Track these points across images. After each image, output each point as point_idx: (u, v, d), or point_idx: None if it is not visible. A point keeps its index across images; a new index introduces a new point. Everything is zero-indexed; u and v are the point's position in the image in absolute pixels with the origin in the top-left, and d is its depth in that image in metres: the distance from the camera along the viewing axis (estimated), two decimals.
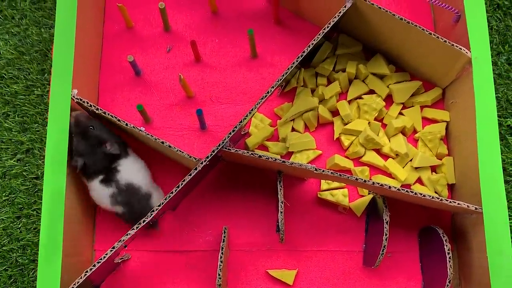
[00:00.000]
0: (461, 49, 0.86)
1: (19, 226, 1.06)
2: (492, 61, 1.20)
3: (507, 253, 0.78)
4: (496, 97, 1.19)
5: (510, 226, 1.10)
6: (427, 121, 0.98)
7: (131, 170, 0.89)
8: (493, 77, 1.19)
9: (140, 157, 0.94)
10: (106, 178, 0.87)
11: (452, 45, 0.86)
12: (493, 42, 1.22)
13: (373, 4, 0.88)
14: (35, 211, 1.06)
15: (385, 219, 0.84)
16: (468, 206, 0.80)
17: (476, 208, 0.81)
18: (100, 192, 0.88)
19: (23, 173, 1.08)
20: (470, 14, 0.87)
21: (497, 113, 1.16)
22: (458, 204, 0.80)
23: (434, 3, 0.92)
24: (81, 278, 0.78)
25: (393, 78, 0.98)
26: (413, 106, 0.98)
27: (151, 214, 0.80)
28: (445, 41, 0.86)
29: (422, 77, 1.00)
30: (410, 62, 0.97)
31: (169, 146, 0.84)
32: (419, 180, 0.95)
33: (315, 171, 0.80)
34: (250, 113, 0.85)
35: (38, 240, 0.90)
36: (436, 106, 0.99)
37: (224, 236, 0.86)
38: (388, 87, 0.98)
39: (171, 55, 1.03)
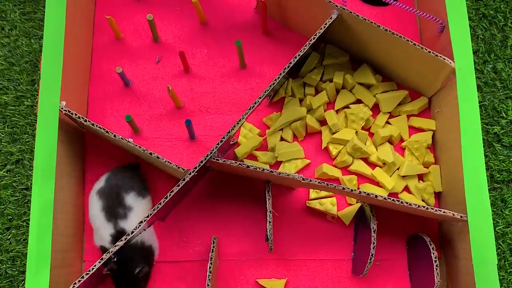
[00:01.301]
0: (445, 59, 0.87)
1: (9, 237, 1.05)
2: (478, 70, 1.22)
3: (492, 260, 0.79)
4: (482, 105, 1.20)
5: (500, 232, 1.12)
6: (413, 130, 1.00)
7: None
8: (480, 85, 1.20)
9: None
10: None
11: (436, 55, 0.87)
12: (479, 51, 1.24)
13: (358, 15, 0.89)
14: (24, 222, 1.06)
15: (373, 228, 0.85)
16: (453, 215, 0.81)
17: (461, 216, 0.82)
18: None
19: (13, 183, 1.08)
20: (454, 25, 0.89)
21: (484, 120, 1.18)
22: (444, 212, 0.81)
23: (419, 13, 0.93)
24: None
25: (379, 88, 1.00)
26: (399, 115, 1.00)
27: (140, 225, 0.80)
28: (429, 52, 0.87)
29: (408, 87, 1.01)
30: (396, 72, 0.98)
31: (157, 157, 0.84)
32: (407, 189, 0.96)
33: (302, 181, 0.81)
34: (238, 123, 0.86)
35: None
36: (422, 115, 1.00)
37: (213, 246, 0.87)
38: (375, 96, 0.99)
39: (160, 65, 1.03)
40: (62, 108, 0.86)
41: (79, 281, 0.78)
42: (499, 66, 1.22)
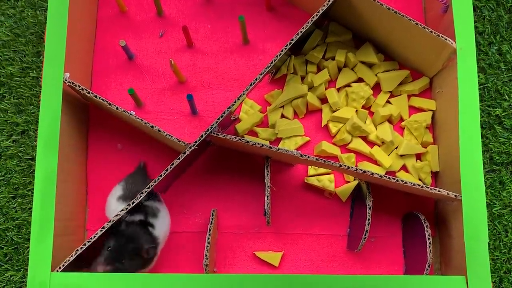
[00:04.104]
0: (446, 39, 0.87)
1: (15, 205, 1.08)
2: (483, 51, 1.21)
3: (483, 239, 0.81)
4: (485, 86, 1.20)
5: (496, 213, 1.13)
6: (413, 109, 1.00)
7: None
8: (484, 67, 1.20)
9: (131, 141, 0.97)
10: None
11: (438, 35, 0.87)
12: (484, 32, 1.23)
13: None
14: (30, 191, 1.08)
15: (368, 205, 0.86)
16: (448, 194, 0.83)
17: (455, 196, 0.83)
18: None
19: (19, 154, 1.10)
20: (457, 5, 0.88)
21: (486, 102, 1.18)
22: (439, 191, 0.82)
23: None
24: (71, 256, 0.81)
25: (381, 67, 1.00)
26: (400, 94, 1.00)
27: (140, 196, 0.82)
28: (431, 31, 0.87)
29: (410, 66, 1.01)
30: (399, 51, 0.98)
31: (159, 130, 0.85)
32: (404, 168, 0.97)
33: (300, 157, 0.82)
34: (239, 99, 0.87)
35: None
36: (423, 95, 1.01)
37: (212, 218, 0.89)
38: (376, 75, 1.00)
39: (163, 40, 1.04)
40: (66, 80, 0.87)
41: (81, 248, 0.81)
42: (504, 48, 1.21)
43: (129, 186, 0.91)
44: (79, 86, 0.87)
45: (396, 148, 0.97)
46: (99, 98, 0.87)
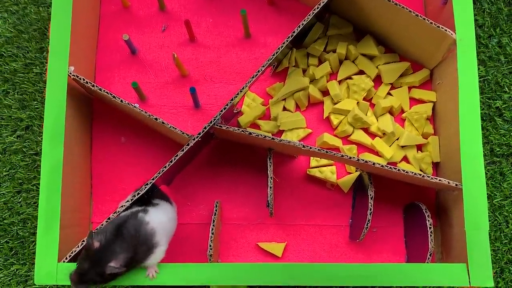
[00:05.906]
0: (446, 30, 0.88)
1: (20, 200, 1.09)
2: (483, 44, 1.22)
3: (484, 228, 0.82)
4: (486, 79, 1.21)
5: (497, 204, 1.14)
6: (414, 101, 1.01)
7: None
8: (484, 60, 1.21)
9: (135, 134, 0.97)
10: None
11: (438, 26, 0.88)
12: (484, 25, 1.23)
13: None
14: (34, 186, 1.09)
15: (370, 195, 0.87)
16: (448, 183, 0.84)
17: (456, 185, 0.84)
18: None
19: (23, 149, 1.11)
20: None
21: (486, 95, 1.19)
22: (439, 180, 0.83)
23: None
24: (77, 247, 0.82)
25: (382, 59, 1.01)
26: (401, 86, 1.01)
27: (145, 188, 0.83)
28: (431, 23, 0.88)
29: (410, 58, 1.02)
30: (399, 43, 0.99)
31: (163, 123, 0.86)
32: (405, 158, 0.98)
33: (302, 148, 0.83)
34: (241, 91, 0.88)
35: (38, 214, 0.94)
36: (424, 86, 1.02)
37: (216, 210, 0.90)
38: (377, 67, 1.00)
39: (166, 34, 1.05)
40: (70, 73, 0.88)
41: None
42: (504, 41, 1.22)
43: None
44: (84, 80, 0.88)
45: (397, 139, 0.98)
46: (104, 91, 0.88)
